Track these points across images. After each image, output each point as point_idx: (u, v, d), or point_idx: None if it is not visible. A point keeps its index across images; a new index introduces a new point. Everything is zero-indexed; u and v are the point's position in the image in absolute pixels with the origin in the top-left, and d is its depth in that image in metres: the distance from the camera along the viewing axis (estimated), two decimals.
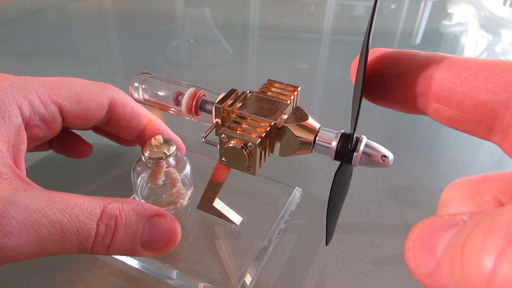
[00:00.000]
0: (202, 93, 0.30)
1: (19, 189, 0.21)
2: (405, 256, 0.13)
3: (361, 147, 0.24)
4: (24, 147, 0.25)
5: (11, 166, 0.22)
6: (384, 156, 0.24)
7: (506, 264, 0.10)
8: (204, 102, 0.30)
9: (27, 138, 0.26)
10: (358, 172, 0.38)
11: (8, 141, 0.24)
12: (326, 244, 0.27)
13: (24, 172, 0.24)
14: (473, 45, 0.68)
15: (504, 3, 0.83)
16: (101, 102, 0.29)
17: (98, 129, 0.35)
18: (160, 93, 0.32)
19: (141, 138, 0.33)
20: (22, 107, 0.25)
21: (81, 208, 0.21)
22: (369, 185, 0.37)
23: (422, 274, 0.13)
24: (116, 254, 0.23)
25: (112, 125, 0.32)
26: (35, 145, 0.29)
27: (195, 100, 0.30)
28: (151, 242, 0.24)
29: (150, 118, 0.33)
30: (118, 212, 0.22)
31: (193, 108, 0.30)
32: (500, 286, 0.10)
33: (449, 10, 0.82)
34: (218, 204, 0.30)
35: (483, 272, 0.10)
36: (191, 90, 0.30)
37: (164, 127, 0.33)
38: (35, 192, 0.21)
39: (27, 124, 0.26)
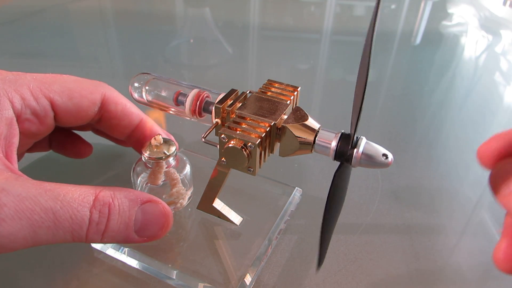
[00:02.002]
0: (205, 95, 0.30)
1: (10, 178, 0.21)
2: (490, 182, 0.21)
3: (361, 147, 0.24)
4: (16, 140, 0.25)
5: (1, 158, 0.22)
6: (385, 155, 0.24)
7: None
8: (208, 103, 0.30)
9: (20, 132, 0.26)
10: (358, 172, 0.38)
11: None
12: (319, 267, 0.25)
13: (16, 165, 0.24)
14: (473, 45, 0.68)
15: (504, 3, 0.83)
16: (93, 98, 0.29)
17: (97, 130, 0.35)
18: (160, 94, 0.32)
19: (132, 138, 0.33)
20: (13, 100, 0.25)
21: (73, 196, 0.21)
22: (369, 185, 0.37)
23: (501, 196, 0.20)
24: (111, 242, 0.23)
25: (104, 123, 0.31)
26: (30, 143, 0.29)
27: (198, 102, 0.30)
28: (144, 228, 0.24)
29: (142, 118, 0.32)
30: (111, 199, 0.22)
31: (197, 109, 0.30)
32: None
33: (449, 10, 0.82)
34: (218, 204, 0.30)
35: None
36: (194, 92, 0.30)
37: (156, 127, 0.33)
38: (26, 181, 0.21)
39: (19, 118, 0.26)
